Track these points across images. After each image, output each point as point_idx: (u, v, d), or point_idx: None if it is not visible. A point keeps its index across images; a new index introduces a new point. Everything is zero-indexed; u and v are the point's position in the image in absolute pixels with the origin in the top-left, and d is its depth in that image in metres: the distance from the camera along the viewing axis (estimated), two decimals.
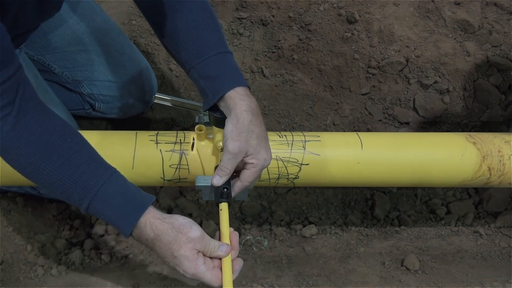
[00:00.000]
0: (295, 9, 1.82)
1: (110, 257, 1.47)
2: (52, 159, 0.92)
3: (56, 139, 0.93)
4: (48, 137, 0.92)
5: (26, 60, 1.33)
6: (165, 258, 0.95)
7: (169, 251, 0.93)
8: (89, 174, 0.93)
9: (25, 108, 0.91)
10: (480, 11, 1.82)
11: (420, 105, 1.79)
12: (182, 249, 0.93)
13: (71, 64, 1.42)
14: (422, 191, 1.70)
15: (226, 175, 1.04)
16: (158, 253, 0.95)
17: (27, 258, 1.44)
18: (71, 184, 0.92)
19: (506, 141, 1.28)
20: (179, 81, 1.79)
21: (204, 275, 0.94)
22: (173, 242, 0.93)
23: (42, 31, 1.36)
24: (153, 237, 0.94)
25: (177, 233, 0.94)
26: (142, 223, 0.94)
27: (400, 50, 1.79)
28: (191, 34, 1.08)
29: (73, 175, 0.92)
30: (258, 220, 1.62)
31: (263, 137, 1.05)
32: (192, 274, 0.94)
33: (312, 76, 1.81)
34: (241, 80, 1.08)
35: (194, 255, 0.94)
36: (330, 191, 1.69)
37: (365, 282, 1.34)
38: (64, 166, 0.92)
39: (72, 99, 1.52)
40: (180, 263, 0.93)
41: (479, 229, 1.58)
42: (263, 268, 1.39)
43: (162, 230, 0.94)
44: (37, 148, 0.92)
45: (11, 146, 0.91)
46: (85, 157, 0.95)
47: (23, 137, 0.91)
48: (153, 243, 0.94)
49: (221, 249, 0.97)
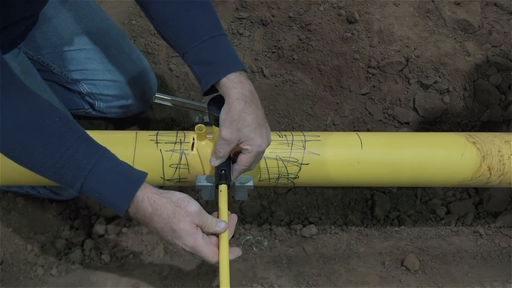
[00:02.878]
0: (295, 9, 1.82)
1: (110, 257, 1.47)
2: (42, 140, 0.90)
3: (44, 120, 0.91)
4: (36, 118, 0.91)
5: (25, 59, 1.33)
6: (163, 233, 0.95)
7: (168, 225, 0.93)
8: (81, 153, 0.92)
9: (8, 92, 0.89)
10: (480, 11, 1.82)
11: (420, 105, 1.79)
12: (181, 223, 0.93)
13: (70, 63, 1.42)
14: (422, 191, 1.70)
15: (220, 158, 1.06)
16: (156, 228, 0.95)
17: (27, 258, 1.44)
18: (63, 164, 0.91)
19: (506, 141, 1.28)
20: (179, 81, 1.79)
21: (202, 249, 0.94)
22: (172, 216, 0.93)
23: (41, 30, 1.36)
24: (151, 212, 0.93)
25: (175, 207, 0.94)
26: (139, 198, 0.93)
27: (400, 50, 1.79)
28: (181, 17, 1.06)
29: (65, 154, 0.91)
30: (258, 220, 1.62)
31: (257, 124, 1.04)
32: (191, 247, 0.94)
33: (312, 76, 1.81)
34: (236, 65, 1.06)
35: (193, 228, 0.94)
36: (330, 191, 1.69)
37: (365, 282, 1.34)
38: (54, 146, 0.91)
39: (71, 99, 1.52)
40: (179, 236, 0.94)
41: (479, 229, 1.58)
42: (263, 268, 1.39)
43: (161, 204, 0.94)
44: (25, 129, 0.90)
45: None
46: (76, 136, 0.93)
47: (10, 120, 0.89)
48: (151, 218, 0.94)
49: (219, 225, 0.98)
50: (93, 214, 1.58)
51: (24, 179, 1.21)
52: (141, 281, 1.34)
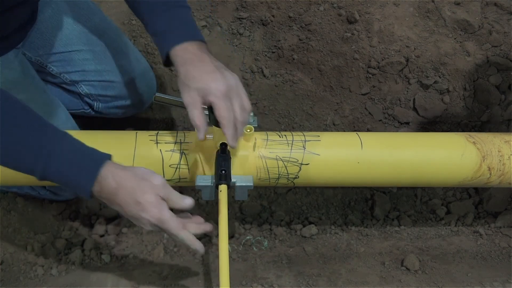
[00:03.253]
0: (295, 9, 1.82)
1: (110, 257, 1.47)
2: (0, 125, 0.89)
3: (2, 107, 0.90)
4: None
5: (24, 61, 1.33)
6: (128, 207, 0.93)
7: (133, 198, 0.92)
8: (41, 134, 0.91)
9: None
10: (480, 11, 1.82)
11: (420, 105, 1.79)
12: (147, 194, 0.93)
13: (69, 65, 1.42)
14: (422, 191, 1.70)
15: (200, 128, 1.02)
16: (120, 203, 0.94)
17: (27, 258, 1.44)
18: (22, 147, 0.90)
19: (506, 141, 1.28)
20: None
21: (169, 221, 0.94)
22: (137, 188, 0.93)
23: (39, 31, 1.36)
24: (115, 186, 0.92)
25: (140, 180, 0.94)
26: (103, 175, 0.92)
27: (400, 50, 1.79)
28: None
29: (24, 138, 0.90)
30: (258, 220, 1.62)
31: (206, 72, 1.02)
32: (157, 218, 0.93)
33: (312, 76, 1.81)
34: (190, 34, 1.06)
35: (159, 200, 0.94)
36: (330, 191, 1.69)
37: (365, 282, 1.34)
38: (13, 130, 0.89)
39: (71, 100, 1.52)
40: (144, 208, 0.93)
41: (479, 229, 1.58)
42: (263, 268, 1.39)
43: (125, 178, 0.93)
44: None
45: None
46: (35, 119, 0.92)
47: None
48: (115, 193, 0.93)
49: (184, 200, 0.97)
50: (93, 214, 1.58)
51: (24, 179, 1.21)
52: (141, 281, 1.34)
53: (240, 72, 1.81)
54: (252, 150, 1.19)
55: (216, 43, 1.83)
